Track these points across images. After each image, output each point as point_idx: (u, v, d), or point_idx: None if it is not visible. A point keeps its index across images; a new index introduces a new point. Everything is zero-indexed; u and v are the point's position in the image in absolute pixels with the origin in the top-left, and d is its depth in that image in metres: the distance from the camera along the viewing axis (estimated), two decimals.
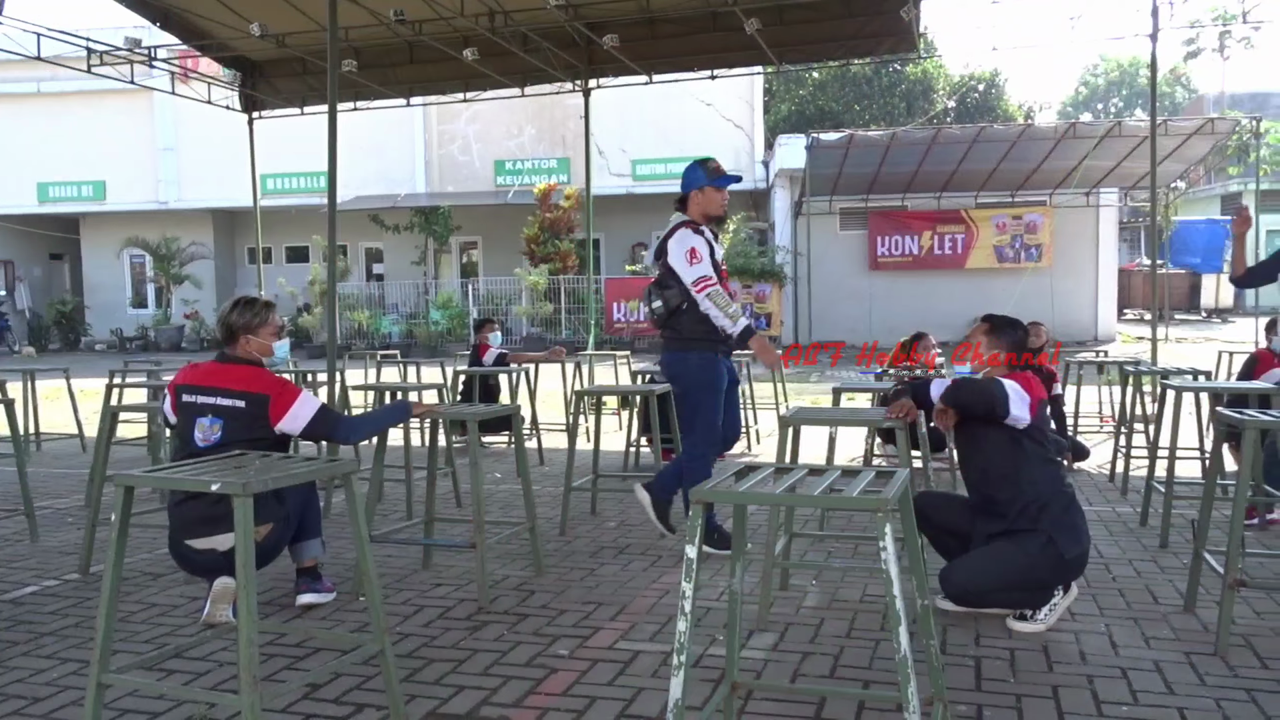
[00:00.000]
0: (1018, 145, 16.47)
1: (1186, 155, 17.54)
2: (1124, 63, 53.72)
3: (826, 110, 27.75)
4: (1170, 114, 33.36)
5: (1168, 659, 3.39)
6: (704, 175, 4.88)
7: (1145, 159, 17.11)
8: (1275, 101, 37.38)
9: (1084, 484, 6.62)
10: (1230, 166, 28.25)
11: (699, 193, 4.91)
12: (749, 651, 3.53)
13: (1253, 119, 17.30)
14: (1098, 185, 18.52)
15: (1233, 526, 3.44)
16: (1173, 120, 17.05)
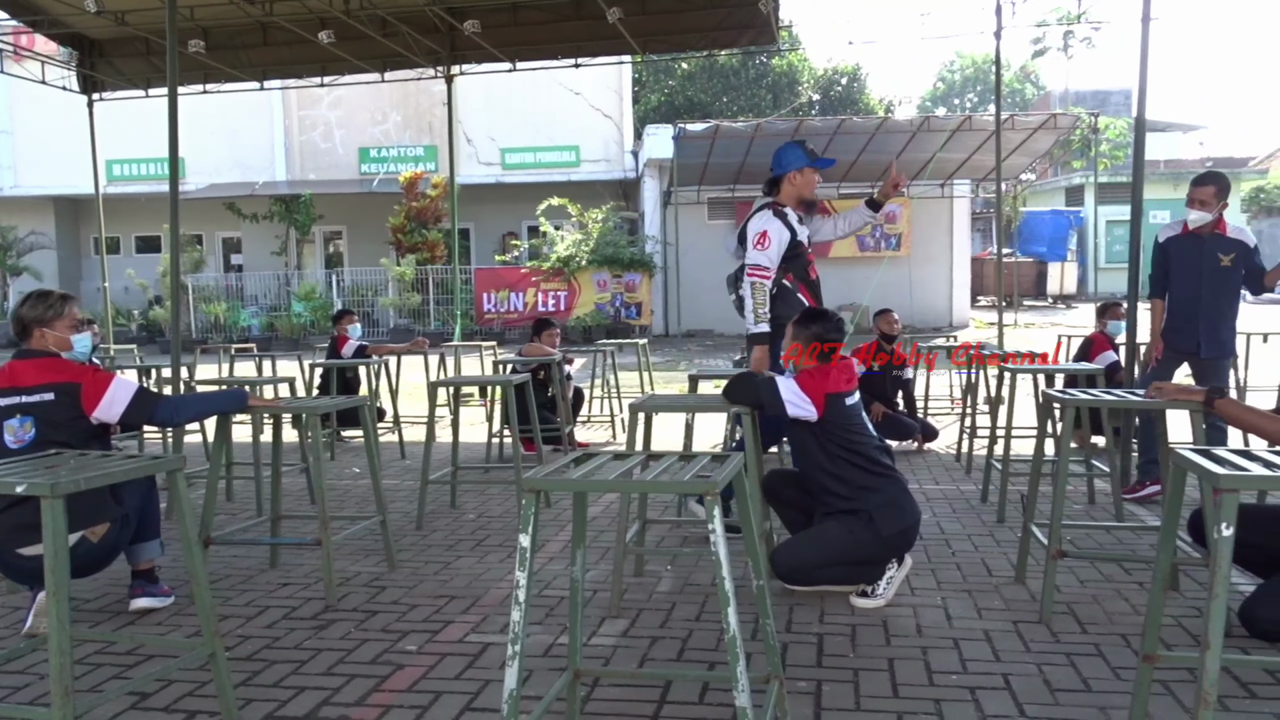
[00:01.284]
0: (876, 138, 16.98)
1: (1032, 149, 18.42)
2: (978, 60, 55.96)
3: (695, 101, 28.04)
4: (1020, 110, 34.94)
5: (997, 628, 3.55)
6: (805, 156, 4.75)
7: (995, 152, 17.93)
8: (1115, 99, 39.65)
9: (932, 464, 6.89)
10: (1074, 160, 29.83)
11: (798, 174, 4.76)
12: (599, 639, 3.54)
13: (1092, 115, 18.26)
14: (951, 177, 19.26)
15: (1055, 501, 3.62)
16: (1019, 115, 17.84)
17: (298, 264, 22.70)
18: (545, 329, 7.42)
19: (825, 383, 3.74)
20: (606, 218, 19.11)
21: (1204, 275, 5.36)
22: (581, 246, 18.90)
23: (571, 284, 18.95)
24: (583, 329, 18.39)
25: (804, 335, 3.94)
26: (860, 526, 3.70)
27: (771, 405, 3.77)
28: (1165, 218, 29.20)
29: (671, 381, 12.40)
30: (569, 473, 2.43)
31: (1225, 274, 5.37)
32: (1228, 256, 5.37)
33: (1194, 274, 5.39)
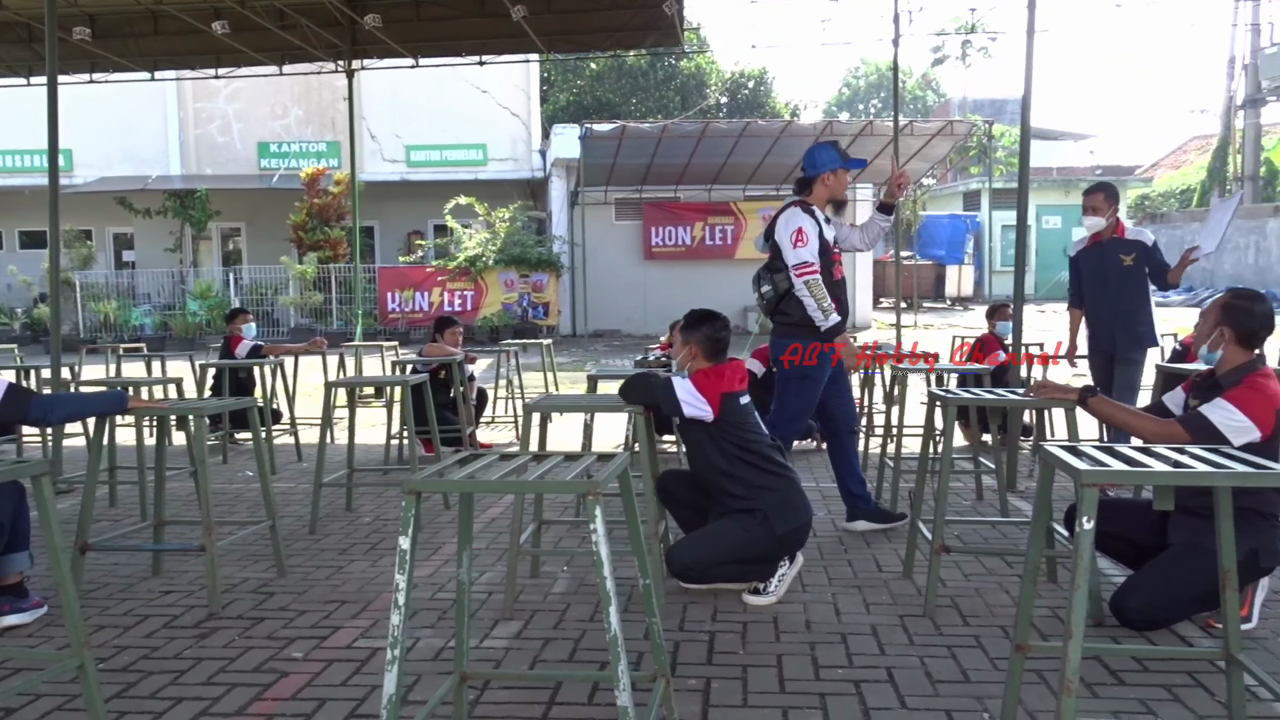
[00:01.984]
0: (781, 141, 17.21)
1: (931, 155, 18.90)
2: (882, 66, 57.28)
3: (604, 101, 28.06)
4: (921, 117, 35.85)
5: (884, 622, 3.63)
6: (838, 157, 4.76)
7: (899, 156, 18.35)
8: (1011, 107, 40.92)
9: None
10: (972, 166, 30.75)
11: (832, 175, 4.77)
12: (491, 641, 3.51)
13: (986, 122, 18.83)
14: (854, 181, 19.65)
15: (938, 498, 3.72)
16: (918, 122, 18.31)
17: (194, 261, 21.99)
18: (447, 327, 7.34)
19: (720, 383, 3.78)
20: (514, 217, 18.98)
21: (1109, 277, 5.70)
22: (488, 246, 18.74)
23: (478, 284, 18.77)
24: (490, 329, 18.24)
25: (695, 336, 3.97)
26: (755, 525, 3.75)
27: (668, 406, 3.79)
28: (1057, 223, 30.32)
29: (577, 382, 12.37)
30: (451, 474, 2.40)
31: (1129, 272, 5.69)
32: (1129, 256, 5.71)
33: (1101, 278, 5.73)
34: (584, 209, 18.68)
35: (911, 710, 2.89)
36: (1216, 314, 3.55)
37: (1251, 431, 3.35)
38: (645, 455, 3.85)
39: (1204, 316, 3.58)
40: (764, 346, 7.76)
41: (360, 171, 19.74)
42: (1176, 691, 2.97)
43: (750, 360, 7.67)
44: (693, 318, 4.03)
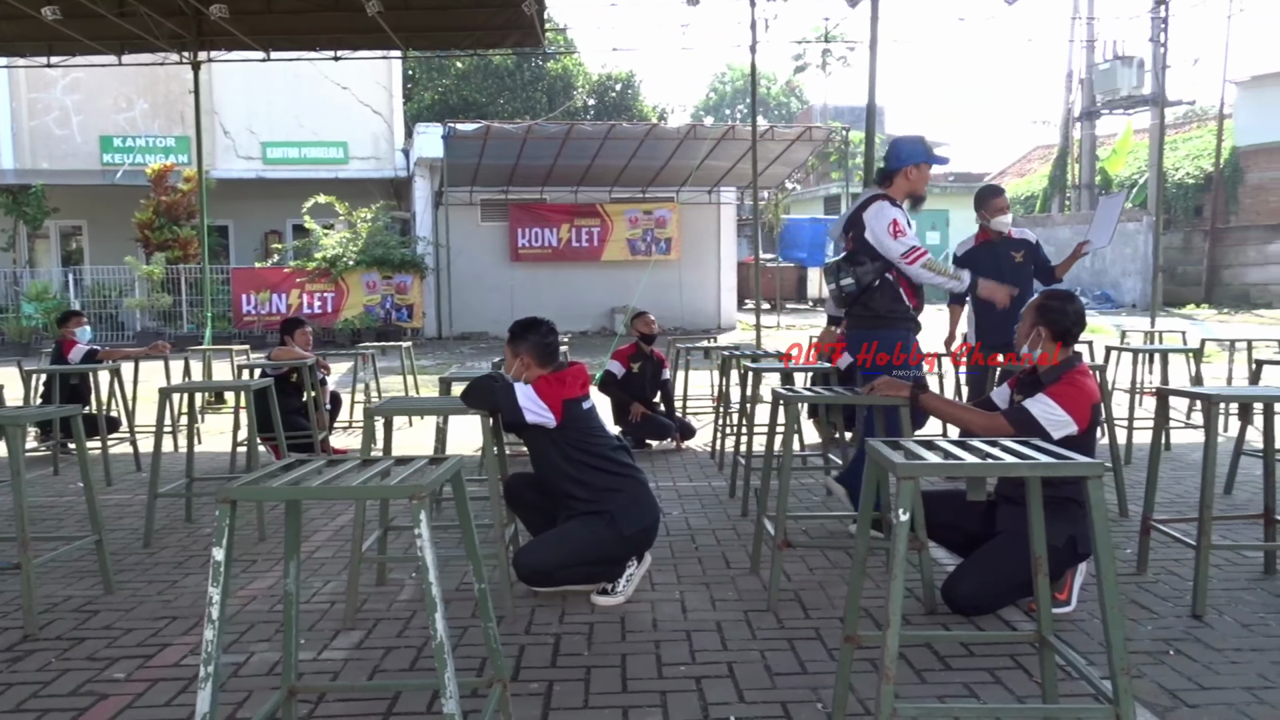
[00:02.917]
0: (646, 144, 17.35)
1: (791, 159, 19.38)
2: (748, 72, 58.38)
3: (470, 101, 27.73)
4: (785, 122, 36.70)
5: (729, 618, 3.68)
6: (923, 151, 4.71)
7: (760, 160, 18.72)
8: None
9: (688, 461, 7.09)
10: (832, 172, 31.66)
11: (916, 169, 4.73)
12: (330, 652, 3.41)
13: (844, 129, 19.41)
14: (718, 184, 19.98)
15: (780, 493, 3.80)
16: (778, 127, 18.74)
17: (29, 261, 20.71)
18: (296, 329, 7.11)
19: (562, 389, 3.76)
20: (376, 217, 18.56)
21: (1005, 275, 5.84)
22: (349, 246, 18.26)
23: (339, 285, 18.28)
24: (351, 332, 17.78)
25: (524, 346, 3.95)
26: (602, 527, 3.74)
27: (509, 412, 3.75)
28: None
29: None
30: (272, 481, 2.31)
31: (1020, 269, 6.06)
32: (1019, 253, 6.09)
33: (996, 275, 5.81)
34: (448, 209, 18.41)
35: (749, 704, 2.93)
36: (1033, 315, 3.73)
37: (1069, 425, 3.54)
38: (490, 459, 3.80)
39: (1023, 317, 3.77)
40: (625, 348, 7.81)
41: (211, 168, 19.00)
42: (998, 674, 3.10)
43: (611, 361, 7.71)
44: (518, 328, 4.01)
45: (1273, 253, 24.52)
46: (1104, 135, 32.31)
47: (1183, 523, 4.55)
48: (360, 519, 3.77)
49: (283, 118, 20.75)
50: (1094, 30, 26.66)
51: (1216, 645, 3.33)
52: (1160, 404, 4.13)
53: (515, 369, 3.94)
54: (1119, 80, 25.66)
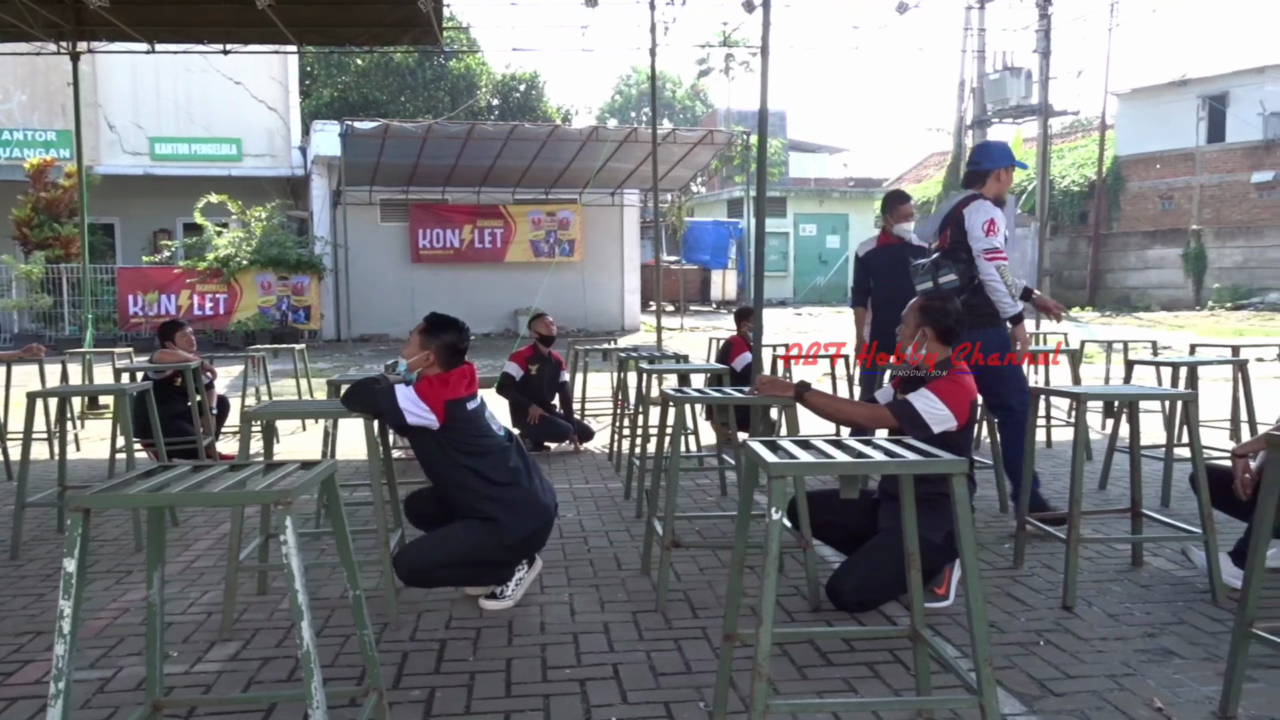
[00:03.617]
0: (549, 145, 17.26)
1: (694, 162, 19.51)
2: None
3: (371, 99, 27.22)
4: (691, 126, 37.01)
5: (617, 619, 3.68)
6: (1011, 155, 4.93)
7: (663, 163, 18.80)
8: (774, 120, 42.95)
9: (586, 464, 7.08)
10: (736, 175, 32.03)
11: (1005, 171, 4.91)
12: (205, 664, 3.30)
13: (745, 133, 19.63)
14: (621, 186, 20.01)
15: (669, 493, 3.82)
16: (680, 130, 18.86)
17: None
18: (175, 331, 6.87)
19: (445, 390, 3.70)
20: (271, 216, 18.06)
21: (901, 279, 5.96)
22: (243, 246, 17.73)
23: (231, 286, 17.73)
24: (245, 334, 17.27)
25: (437, 343, 3.88)
26: (484, 531, 3.69)
27: (390, 414, 3.68)
28: (813, 231, 32.12)
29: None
30: (130, 488, 2.22)
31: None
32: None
33: (893, 278, 6.10)
34: (347, 209, 18.04)
35: (632, 704, 2.93)
36: (917, 317, 3.82)
37: (950, 420, 3.63)
38: (374, 464, 3.73)
39: (905, 320, 3.85)
40: (522, 350, 7.76)
41: (95, 164, 18.24)
42: (877, 668, 3.17)
43: (508, 364, 7.65)
44: (437, 323, 3.93)
45: (1151, 258, 25.69)
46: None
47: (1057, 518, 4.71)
48: (238, 526, 3.66)
49: (172, 112, 20.05)
50: (984, 42, 27.53)
51: (1084, 635, 3.46)
52: (1035, 400, 4.27)
53: (417, 360, 3.85)
54: (1008, 90, 26.55)
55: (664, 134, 17.60)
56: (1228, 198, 28.17)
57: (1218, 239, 24.50)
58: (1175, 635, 3.44)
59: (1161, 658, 3.24)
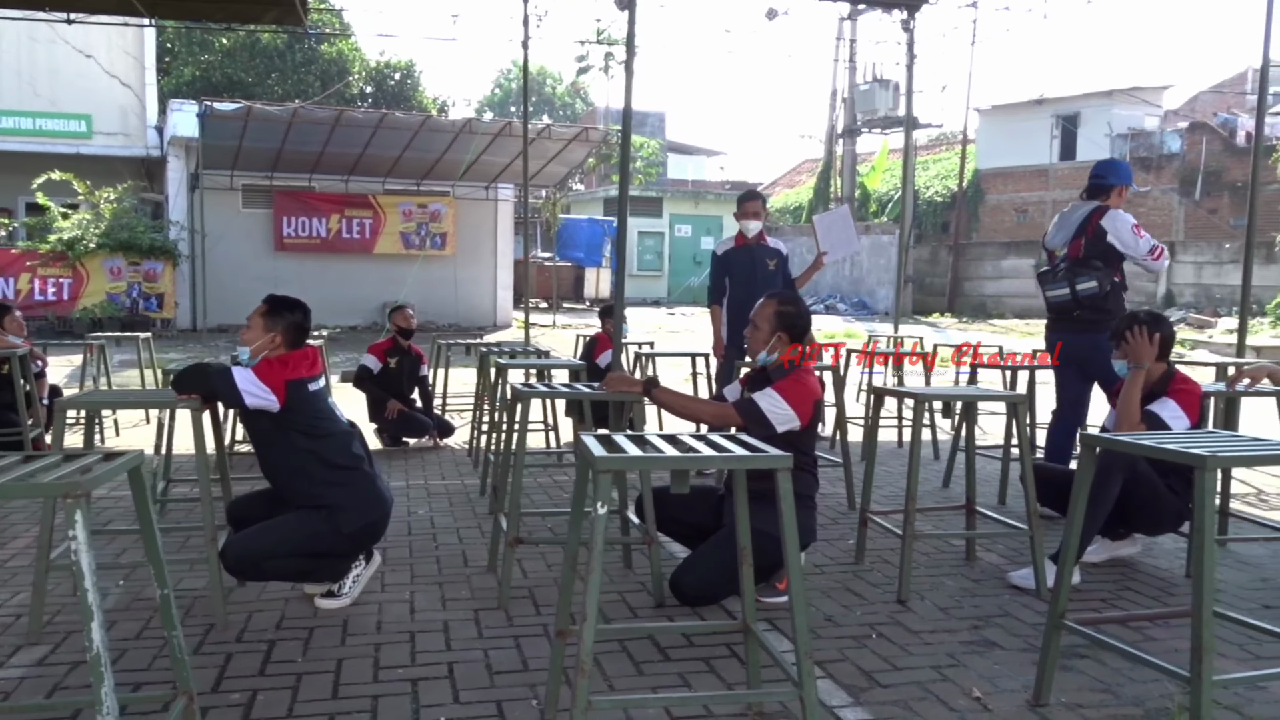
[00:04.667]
0: (422, 136, 16.91)
1: (568, 159, 19.44)
2: (533, 70, 58.38)
3: (236, 80, 26.16)
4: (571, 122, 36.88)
5: (458, 617, 3.61)
6: (1130, 175, 5.36)
7: (538, 159, 18.68)
8: (651, 120, 43.26)
9: (445, 460, 6.96)
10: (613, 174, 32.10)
11: (1127, 189, 5.27)
12: (7, 670, 3.08)
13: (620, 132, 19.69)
14: (495, 180, 19.78)
15: (512, 491, 3.76)
16: (555, 126, 18.77)
17: None
18: (4, 315, 6.44)
19: (285, 370, 3.55)
20: (121, 198, 17.16)
21: (757, 279, 6.26)
22: (91, 228, 16.79)
23: (77, 270, 16.76)
24: (91, 321, 16.37)
25: (283, 323, 3.73)
26: (319, 520, 3.54)
27: (227, 396, 3.52)
28: (688, 231, 32.45)
29: None
30: None
31: (772, 276, 6.40)
32: (772, 261, 6.46)
33: (749, 278, 6.31)
34: (205, 193, 17.29)
35: (464, 704, 2.87)
36: (772, 320, 3.87)
37: (793, 420, 3.69)
38: (201, 457, 3.56)
39: (757, 324, 3.89)
40: (381, 342, 7.57)
41: None
42: (713, 663, 3.19)
43: (366, 356, 7.45)
44: (280, 304, 3.78)
45: (1006, 267, 26.88)
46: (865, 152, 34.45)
47: (898, 514, 4.86)
48: (48, 522, 3.43)
49: (14, 83, 18.84)
50: (855, 53, 28.33)
51: (914, 628, 3.57)
52: (876, 402, 4.39)
53: (262, 343, 3.69)
54: (877, 101, 27.42)
55: (539, 129, 17.49)
56: None
57: None
58: (999, 627, 3.58)
59: (985, 649, 3.37)
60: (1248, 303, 7.21)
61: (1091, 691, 3.01)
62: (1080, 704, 2.92)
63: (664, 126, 43.44)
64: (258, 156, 17.23)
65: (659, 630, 3.35)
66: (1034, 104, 31.04)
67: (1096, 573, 4.28)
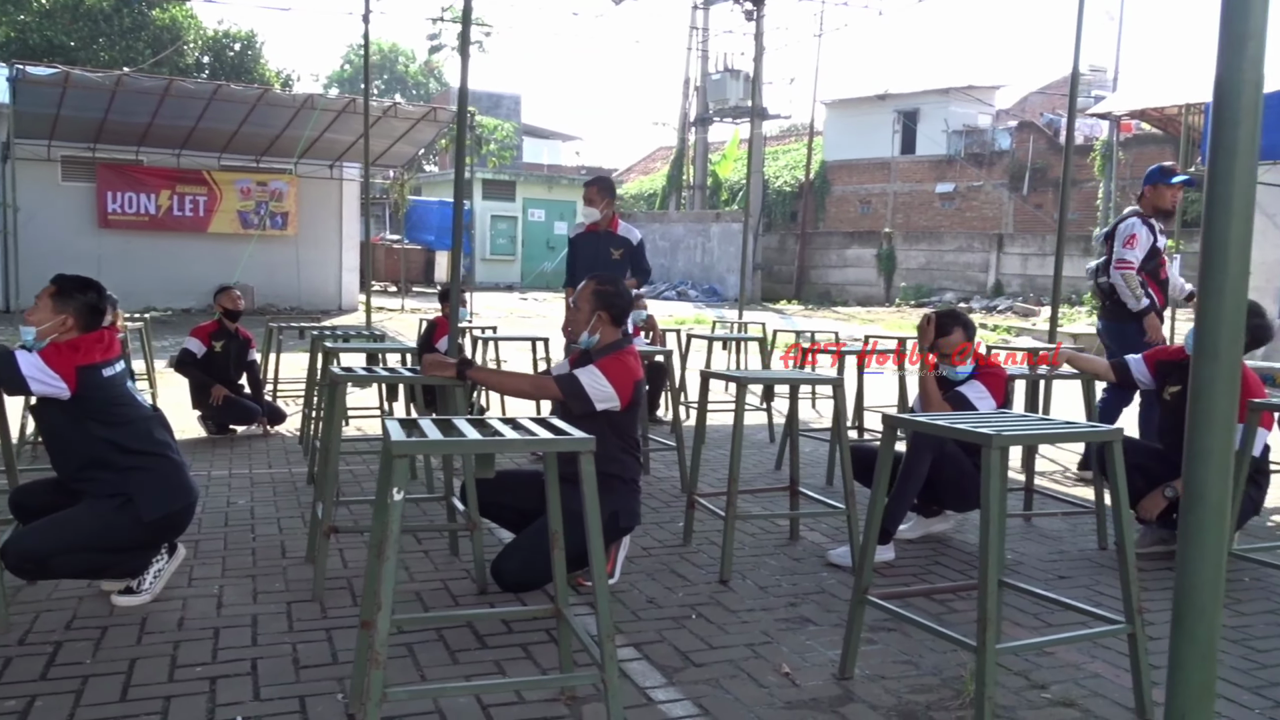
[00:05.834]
0: (260, 110, 16.17)
1: (417, 139, 18.97)
2: (385, 47, 56.89)
3: (57, 43, 24.46)
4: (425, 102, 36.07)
5: (268, 611, 3.47)
6: (1159, 173, 5.93)
7: (385, 138, 18.18)
8: (507, 102, 42.80)
9: (275, 447, 6.69)
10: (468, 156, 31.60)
11: (1152, 188, 5.89)
12: None
13: (471, 113, 19.36)
14: (340, 159, 19.15)
15: (328, 477, 3.64)
16: (402, 105, 18.29)
17: None
18: None
19: (76, 355, 3.31)
20: None
21: (599, 266, 6.23)
22: None
23: None
24: None
25: (73, 305, 3.48)
26: (115, 510, 3.32)
27: (10, 383, 3.24)
28: (541, 216, 32.26)
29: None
30: None
31: (617, 265, 6.39)
32: (618, 251, 6.45)
33: (593, 265, 6.28)
34: (17, 164, 16.11)
35: (264, 701, 2.76)
36: (592, 301, 3.85)
37: (613, 399, 3.69)
38: None
39: (578, 306, 3.87)
40: (206, 325, 7.21)
41: None
42: (531, 649, 3.16)
43: (189, 339, 7.09)
44: (72, 284, 3.52)
45: (850, 256, 27.82)
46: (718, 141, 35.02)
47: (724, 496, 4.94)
48: None
49: None
50: (707, 42, 28.71)
51: (733, 607, 3.63)
52: (703, 385, 4.45)
53: (51, 325, 3.43)
54: (728, 91, 27.87)
55: (384, 107, 17.07)
56: (916, 205, 31.05)
57: (906, 242, 26.89)
58: (814, 604, 3.68)
59: (798, 625, 3.45)
60: (1059, 293, 7.64)
61: (894, 663, 3.13)
62: (883, 675, 3.03)
63: (519, 109, 43.05)
64: (79, 126, 16.14)
65: (477, 617, 3.30)
66: (877, 99, 32.17)
67: (911, 548, 4.46)
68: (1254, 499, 4.32)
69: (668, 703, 2.82)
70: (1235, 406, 1.44)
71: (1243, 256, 1.37)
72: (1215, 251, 1.37)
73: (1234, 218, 1.35)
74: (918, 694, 2.91)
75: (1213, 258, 1.38)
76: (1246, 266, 1.38)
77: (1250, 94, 1.36)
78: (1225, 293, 1.38)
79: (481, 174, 29.88)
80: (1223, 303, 1.38)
